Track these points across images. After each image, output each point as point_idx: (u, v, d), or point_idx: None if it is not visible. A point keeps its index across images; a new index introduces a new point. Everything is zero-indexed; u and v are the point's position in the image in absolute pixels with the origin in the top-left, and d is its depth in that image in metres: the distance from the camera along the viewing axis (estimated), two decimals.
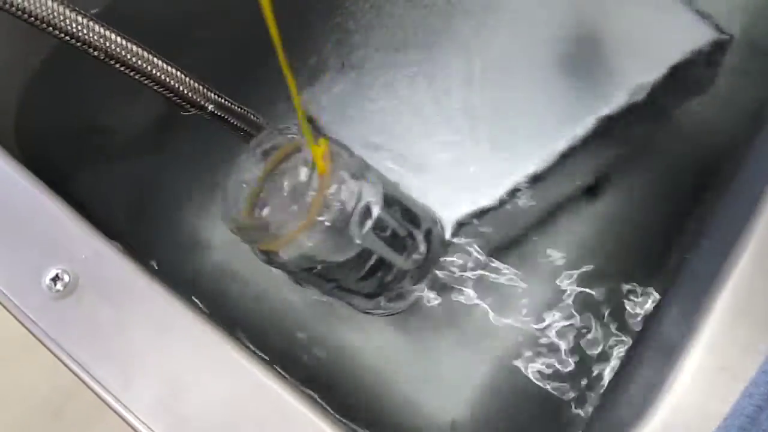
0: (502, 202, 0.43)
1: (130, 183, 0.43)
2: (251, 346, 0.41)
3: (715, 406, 0.25)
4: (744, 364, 0.25)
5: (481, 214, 0.43)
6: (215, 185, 0.45)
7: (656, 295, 0.40)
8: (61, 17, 0.32)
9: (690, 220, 0.43)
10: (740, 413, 0.24)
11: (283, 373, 0.37)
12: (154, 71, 0.35)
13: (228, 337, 0.27)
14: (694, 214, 0.43)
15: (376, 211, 0.32)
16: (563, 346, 0.41)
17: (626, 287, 0.42)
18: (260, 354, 0.40)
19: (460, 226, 0.43)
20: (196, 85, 0.37)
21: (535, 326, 0.42)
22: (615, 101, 0.44)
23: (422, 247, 0.38)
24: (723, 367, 0.25)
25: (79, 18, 0.33)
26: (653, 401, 0.25)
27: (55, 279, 0.27)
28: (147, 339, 0.26)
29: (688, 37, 0.45)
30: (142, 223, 0.45)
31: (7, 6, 0.30)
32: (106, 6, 0.45)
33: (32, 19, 0.31)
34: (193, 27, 0.47)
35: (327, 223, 0.30)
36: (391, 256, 0.36)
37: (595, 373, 0.40)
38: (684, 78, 0.46)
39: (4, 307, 0.29)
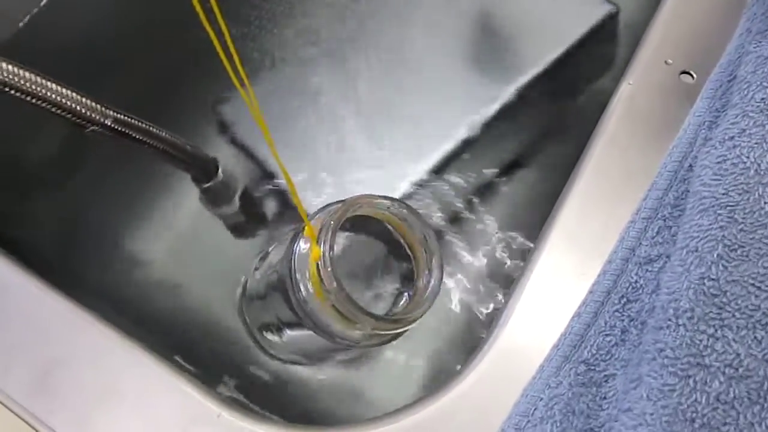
0: (422, 185, 0.45)
1: (51, 212, 0.45)
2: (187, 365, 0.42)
3: (549, 331, 0.25)
4: (574, 289, 0.26)
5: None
6: (141, 201, 0.46)
7: None
8: None
9: None
10: (569, 332, 0.25)
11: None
12: (49, 94, 0.38)
13: None
14: None
15: None
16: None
17: None
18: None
19: None
20: (93, 103, 0.39)
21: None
22: (521, 80, 0.46)
23: None
24: (556, 293, 0.26)
25: None
26: (494, 330, 0.26)
27: None
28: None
29: (583, 12, 0.47)
30: (76, 249, 0.46)
31: None
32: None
33: None
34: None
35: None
36: None
37: None
38: (588, 54, 0.47)
39: None
